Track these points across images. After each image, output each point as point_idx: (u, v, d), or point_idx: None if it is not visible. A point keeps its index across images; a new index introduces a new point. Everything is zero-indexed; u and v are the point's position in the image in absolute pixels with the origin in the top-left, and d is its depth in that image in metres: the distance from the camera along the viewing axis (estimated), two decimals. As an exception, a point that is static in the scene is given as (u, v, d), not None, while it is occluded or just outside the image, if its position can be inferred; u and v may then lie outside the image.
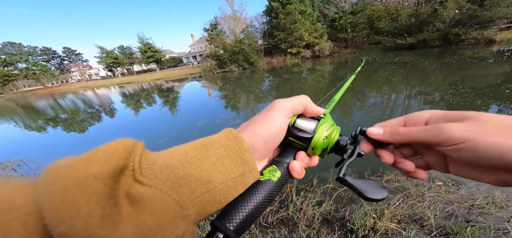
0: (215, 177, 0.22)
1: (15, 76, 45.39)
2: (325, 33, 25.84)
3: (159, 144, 3.94)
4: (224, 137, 0.25)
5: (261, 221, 1.76)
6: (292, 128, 0.30)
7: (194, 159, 0.22)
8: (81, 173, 0.15)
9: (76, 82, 52.38)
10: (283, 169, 0.28)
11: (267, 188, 0.26)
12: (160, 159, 0.21)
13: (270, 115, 0.27)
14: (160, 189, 0.18)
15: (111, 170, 0.16)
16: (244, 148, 0.25)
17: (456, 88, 5.07)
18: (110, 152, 0.17)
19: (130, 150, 0.19)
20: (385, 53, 19.28)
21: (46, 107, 14.28)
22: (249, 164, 0.25)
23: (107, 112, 9.12)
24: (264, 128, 0.27)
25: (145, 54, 44.07)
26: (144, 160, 0.19)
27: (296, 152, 0.30)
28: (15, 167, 3.80)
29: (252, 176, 0.25)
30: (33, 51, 46.29)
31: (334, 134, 0.30)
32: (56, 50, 50.51)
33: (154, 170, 0.19)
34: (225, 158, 0.24)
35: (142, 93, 14.45)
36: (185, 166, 0.21)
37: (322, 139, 0.29)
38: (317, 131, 0.29)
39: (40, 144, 5.59)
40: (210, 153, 0.23)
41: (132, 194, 0.17)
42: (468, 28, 15.88)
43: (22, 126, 8.62)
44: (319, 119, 0.31)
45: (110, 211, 0.15)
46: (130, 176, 0.18)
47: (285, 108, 0.28)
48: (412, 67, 9.39)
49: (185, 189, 0.20)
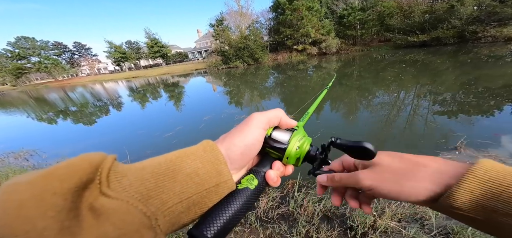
0: (189, 188, 0.23)
1: (28, 70, 46.96)
2: (332, 30, 25.24)
3: (165, 138, 4.00)
4: (201, 149, 0.27)
5: (261, 216, 1.76)
6: (269, 139, 0.32)
7: (167, 171, 0.23)
8: (38, 189, 0.16)
9: (85, 76, 53.78)
10: (260, 177, 0.30)
11: (245, 195, 0.27)
12: (131, 172, 0.21)
13: (247, 128, 0.29)
14: (126, 201, 0.19)
15: (72, 186, 0.17)
16: (219, 160, 0.26)
17: (469, 88, 4.86)
18: (73, 168, 0.18)
19: (97, 165, 0.19)
20: (395, 51, 18.71)
21: (57, 100, 14.76)
22: (224, 174, 0.26)
23: (115, 105, 9.32)
24: (242, 139, 0.29)
25: (151, 49, 44.62)
26: (113, 173, 0.20)
27: (273, 161, 0.32)
28: (28, 156, 3.95)
29: (227, 186, 0.27)
30: (45, 45, 47.68)
31: (305, 144, 0.33)
32: (67, 45, 51.89)
33: (123, 183, 0.20)
34: (200, 169, 0.25)
35: (148, 88, 14.67)
36: (157, 178, 0.22)
37: (295, 149, 0.32)
38: (290, 142, 0.32)
39: (51, 135, 5.79)
40: (185, 164, 0.24)
41: (95, 206, 0.18)
42: (486, 26, 15.15)
43: (34, 117, 8.95)
44: (293, 131, 0.34)
45: (69, 224, 0.16)
46: (96, 189, 0.19)
47: (261, 121, 0.31)
48: (423, 65, 9.07)
49: (156, 200, 0.21)
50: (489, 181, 0.22)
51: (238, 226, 1.68)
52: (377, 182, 0.28)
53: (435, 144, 2.64)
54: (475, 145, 2.47)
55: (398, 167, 0.28)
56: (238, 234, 1.62)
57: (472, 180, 0.23)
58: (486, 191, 0.22)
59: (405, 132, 3.18)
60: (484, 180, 0.23)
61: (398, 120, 3.70)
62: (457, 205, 0.23)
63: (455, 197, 0.23)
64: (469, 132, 2.78)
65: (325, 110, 4.73)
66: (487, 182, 0.22)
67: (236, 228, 1.66)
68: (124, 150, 3.46)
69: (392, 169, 0.28)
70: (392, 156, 0.30)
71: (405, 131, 3.23)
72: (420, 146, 2.70)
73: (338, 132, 3.40)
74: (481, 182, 0.23)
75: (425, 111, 3.83)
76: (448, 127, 3.09)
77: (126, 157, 3.21)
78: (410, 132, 3.17)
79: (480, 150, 2.36)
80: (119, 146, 3.86)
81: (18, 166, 3.36)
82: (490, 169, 0.23)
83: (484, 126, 3.01)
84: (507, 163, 2.12)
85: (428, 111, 3.82)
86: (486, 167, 0.23)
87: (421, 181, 0.26)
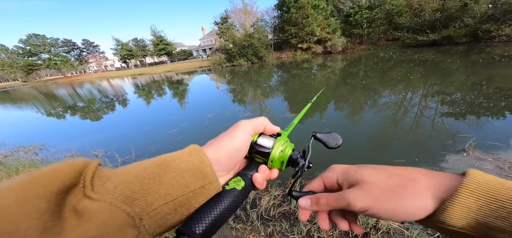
0: (175, 189, 0.24)
1: (38, 66, 48.31)
2: (338, 29, 24.86)
3: (170, 134, 4.04)
4: (187, 153, 0.28)
5: (263, 214, 1.76)
6: (255, 144, 0.34)
7: (153, 174, 0.24)
8: (22, 193, 0.17)
9: (93, 73, 54.93)
10: (247, 179, 0.32)
11: (232, 195, 0.29)
12: (116, 175, 0.22)
13: (235, 133, 0.32)
14: (110, 202, 0.20)
15: (55, 189, 0.18)
16: (205, 163, 0.28)
17: (480, 89, 4.71)
18: (56, 172, 0.19)
19: (81, 169, 0.21)
20: (403, 50, 18.28)
21: (65, 96, 15.14)
22: (209, 177, 0.28)
23: (121, 102, 9.48)
24: (229, 143, 0.31)
25: (157, 46, 45.11)
26: (97, 177, 0.21)
27: (259, 165, 0.34)
28: (37, 151, 4.07)
29: (213, 187, 0.28)
30: (55, 42, 48.88)
31: (287, 149, 0.35)
32: (76, 42, 53.19)
33: (107, 186, 0.21)
34: (186, 172, 0.26)
35: (153, 85, 14.85)
36: (142, 181, 0.23)
37: (278, 153, 0.34)
38: (274, 147, 0.34)
39: (59, 130, 5.95)
40: (170, 168, 0.26)
41: (78, 208, 0.19)
42: (501, 24, 14.59)
43: (43, 112, 9.22)
44: (276, 137, 0.36)
45: (52, 224, 0.17)
46: (80, 192, 0.20)
47: (247, 127, 0.33)
48: (433, 65, 8.83)
49: (141, 202, 0.22)
50: (484, 195, 0.21)
51: (239, 224, 1.69)
52: (370, 202, 0.26)
53: (442, 145, 2.57)
54: (484, 147, 2.39)
55: (388, 184, 0.26)
56: (239, 232, 1.63)
57: (466, 194, 0.22)
58: (482, 206, 0.21)
59: (411, 133, 3.11)
60: (479, 194, 0.21)
61: (404, 121, 3.62)
62: (452, 221, 0.22)
63: (449, 212, 0.22)
64: (478, 134, 2.69)
65: (330, 110, 4.67)
66: (482, 196, 0.21)
67: (238, 226, 1.66)
68: (129, 145, 3.52)
69: (382, 186, 0.26)
70: (376, 170, 0.28)
71: (411, 131, 3.15)
72: (427, 147, 2.64)
73: (342, 132, 3.35)
74: (476, 196, 0.21)
75: (433, 112, 3.73)
76: (456, 128, 3.01)
77: (131, 152, 3.27)
78: (416, 133, 3.09)
79: (490, 152, 2.29)
80: (124, 141, 3.93)
81: (28, 160, 3.46)
82: (483, 181, 0.22)
83: (494, 128, 2.91)
84: (519, 166, 2.05)
85: (436, 112, 3.73)
86: (478, 179, 0.22)
87: (415, 198, 0.24)
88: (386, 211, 0.25)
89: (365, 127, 3.53)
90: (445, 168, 2.17)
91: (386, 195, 0.25)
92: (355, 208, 0.26)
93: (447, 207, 0.22)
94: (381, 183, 0.27)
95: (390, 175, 0.27)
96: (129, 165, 0.25)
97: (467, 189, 0.22)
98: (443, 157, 2.33)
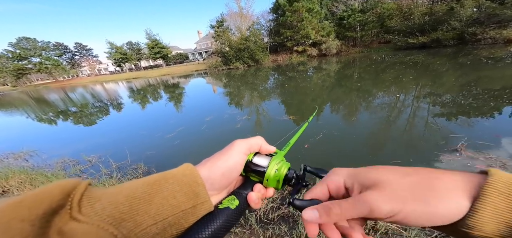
0: (165, 210, 0.24)
1: (28, 70, 46.97)
2: (332, 32, 25.33)
3: (167, 138, 3.99)
4: (181, 172, 0.28)
5: (262, 217, 1.76)
6: (250, 163, 0.34)
7: (144, 194, 0.24)
8: (6, 217, 0.17)
9: (86, 77, 53.82)
10: (242, 198, 0.32)
11: (225, 215, 0.29)
12: (106, 196, 0.22)
13: (229, 152, 0.32)
14: (97, 224, 0.20)
15: (40, 212, 0.18)
16: (198, 182, 0.28)
17: (469, 90, 4.87)
18: (43, 195, 0.19)
19: (69, 191, 0.21)
20: (395, 52, 18.75)
21: (57, 101, 14.77)
22: (201, 196, 0.27)
23: (115, 106, 9.33)
24: (223, 162, 0.31)
25: (152, 50, 44.66)
26: (86, 199, 0.21)
27: (254, 184, 0.34)
28: (27, 157, 3.95)
29: (204, 207, 0.28)
30: (47, 46, 47.74)
31: (283, 168, 0.35)
32: (68, 46, 51.88)
33: (95, 207, 0.21)
34: (178, 192, 0.26)
35: (149, 89, 14.69)
36: (131, 202, 0.23)
37: (274, 172, 0.34)
38: (269, 165, 0.34)
39: (51, 136, 5.79)
40: (162, 187, 0.26)
41: (64, 231, 0.19)
42: (485, 27, 15.17)
43: (34, 118, 8.95)
44: (272, 156, 0.36)
45: None
46: (66, 214, 0.20)
47: (242, 147, 0.33)
48: (423, 67, 9.09)
49: (129, 223, 0.22)
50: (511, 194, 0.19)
51: (238, 228, 1.67)
52: (398, 205, 0.21)
53: (435, 145, 2.64)
54: (475, 146, 2.46)
55: (412, 181, 0.23)
56: (238, 236, 1.62)
57: (495, 194, 0.20)
58: (511, 207, 0.19)
59: (405, 134, 3.18)
60: (507, 194, 0.19)
61: (398, 122, 3.70)
62: (482, 225, 0.19)
63: (480, 215, 0.19)
64: (469, 134, 2.77)
65: (326, 112, 4.73)
66: (510, 196, 0.19)
67: (236, 230, 1.65)
68: (124, 150, 3.46)
69: (406, 184, 0.23)
70: (390, 169, 0.25)
71: (405, 132, 3.22)
72: (421, 147, 2.70)
73: (339, 134, 3.40)
74: (504, 196, 0.19)
75: (425, 113, 3.83)
76: (448, 128, 3.09)
77: (126, 158, 3.21)
78: (410, 134, 3.16)
79: (481, 152, 2.36)
80: (119, 146, 3.86)
81: (18, 167, 3.35)
82: (509, 181, 0.20)
83: (484, 128, 3.01)
84: (508, 164, 2.12)
85: (428, 113, 3.83)
86: (504, 179, 0.20)
87: (448, 196, 0.21)
88: (420, 215, 0.21)
89: (360, 128, 3.59)
90: (439, 167, 2.23)
91: (415, 196, 0.22)
92: (381, 214, 0.22)
93: (477, 209, 0.20)
94: (403, 181, 0.23)
95: (408, 174, 0.24)
96: (122, 184, 0.25)
97: (495, 189, 0.20)
98: (436, 157, 2.39)
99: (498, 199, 0.19)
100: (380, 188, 0.23)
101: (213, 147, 1.88)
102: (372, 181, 0.24)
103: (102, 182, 2.46)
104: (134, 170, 2.86)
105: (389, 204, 0.22)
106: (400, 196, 0.22)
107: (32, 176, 2.79)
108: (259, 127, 4.25)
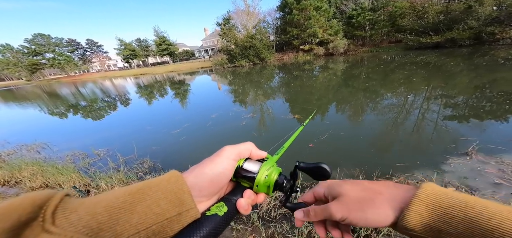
0: (148, 218, 0.24)
1: (42, 65, 48.79)
2: (340, 30, 24.81)
3: (173, 134, 4.06)
4: (166, 180, 0.28)
5: (264, 215, 1.76)
6: (240, 169, 0.34)
7: (125, 204, 0.24)
8: None
9: (96, 72, 55.39)
10: (231, 205, 0.32)
11: (212, 222, 0.29)
12: (83, 206, 0.22)
13: (218, 159, 0.32)
14: (70, 236, 0.20)
15: (8, 226, 0.18)
16: (183, 190, 0.28)
17: (483, 92, 4.67)
18: (11, 208, 0.19)
19: (41, 203, 0.20)
20: (406, 52, 18.21)
21: (68, 95, 15.28)
22: (186, 204, 0.27)
23: (123, 102, 9.55)
24: (211, 169, 0.31)
25: (159, 47, 45.39)
26: (61, 210, 0.21)
27: (244, 190, 0.34)
28: (40, 149, 4.11)
29: (190, 215, 0.27)
30: (60, 42, 49.35)
31: (273, 173, 0.35)
32: (80, 42, 53.50)
33: (70, 219, 0.21)
34: (162, 199, 0.26)
35: (156, 85, 14.94)
36: (111, 212, 0.23)
37: (264, 177, 0.34)
38: (260, 171, 0.34)
39: (62, 129, 6.01)
40: (146, 196, 0.25)
41: None
42: (505, 27, 14.49)
43: (46, 111, 9.31)
44: (263, 161, 0.36)
45: None
46: (38, 227, 0.19)
47: (232, 153, 0.33)
48: (435, 68, 8.78)
49: (108, 233, 0.21)
50: (432, 204, 0.25)
51: (240, 225, 1.69)
52: (346, 212, 0.30)
53: (444, 148, 2.55)
54: (487, 150, 2.37)
55: (361, 196, 0.31)
56: (240, 233, 1.63)
57: (418, 204, 0.26)
58: (431, 213, 0.25)
59: (413, 136, 3.09)
60: (428, 203, 0.26)
61: (406, 123, 3.60)
62: (411, 226, 0.26)
63: (407, 219, 0.26)
64: (481, 137, 2.67)
65: (331, 111, 4.66)
66: (431, 204, 0.25)
67: (238, 226, 1.67)
68: (132, 144, 3.54)
69: (356, 198, 0.31)
70: (354, 185, 0.33)
71: (413, 134, 3.13)
72: (429, 150, 2.62)
73: (345, 134, 3.35)
74: (425, 205, 0.26)
75: (435, 115, 3.71)
76: (459, 131, 2.98)
77: (133, 152, 3.29)
78: (419, 136, 3.07)
79: (493, 156, 2.27)
80: (127, 140, 3.96)
81: (31, 158, 3.50)
82: (431, 192, 0.26)
83: (497, 131, 2.88)
84: (522, 171, 2.03)
85: (438, 115, 3.70)
86: (428, 191, 0.26)
87: (380, 207, 0.29)
88: (359, 220, 0.29)
89: (367, 129, 3.52)
90: (447, 171, 2.16)
91: (358, 206, 0.30)
92: (336, 218, 0.31)
93: (404, 215, 0.26)
94: (355, 195, 0.31)
95: (364, 189, 0.32)
96: (102, 193, 0.25)
97: (418, 199, 0.26)
98: (445, 161, 2.31)
99: (420, 206, 0.26)
100: (338, 200, 0.32)
101: (218, 143, 1.88)
102: (336, 194, 0.33)
103: (110, 176, 2.54)
104: (140, 165, 2.93)
105: (341, 212, 0.30)
106: (348, 207, 0.30)
107: (43, 167, 2.91)
108: (263, 125, 4.25)
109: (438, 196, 0.26)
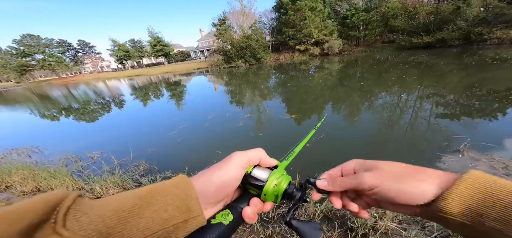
0: (155, 223, 0.24)
1: (32, 67, 47.38)
2: (335, 31, 25.16)
3: (169, 136, 4.01)
4: (174, 185, 0.28)
5: (262, 215, 1.76)
6: (249, 176, 0.33)
7: (134, 207, 0.24)
8: None
9: (88, 74, 54.23)
10: (236, 213, 0.31)
11: (217, 230, 0.28)
12: (94, 208, 0.22)
13: (226, 166, 0.31)
14: None
15: (21, 228, 0.18)
16: (191, 196, 0.27)
17: (472, 91, 4.81)
18: (25, 209, 0.19)
19: (54, 205, 0.20)
20: (398, 52, 18.58)
21: (60, 97, 14.90)
22: (193, 211, 0.27)
23: (118, 104, 9.38)
24: (219, 176, 0.30)
25: (154, 48, 44.83)
26: (72, 212, 0.21)
27: (251, 198, 0.33)
28: (30, 153, 3.99)
29: (196, 222, 0.27)
30: (50, 43, 48.06)
31: (283, 182, 0.34)
32: (71, 43, 52.20)
33: (81, 221, 0.21)
34: (170, 205, 0.26)
35: (151, 86, 14.74)
36: (120, 215, 0.22)
37: (272, 186, 0.33)
38: (268, 179, 0.33)
39: (54, 132, 5.85)
40: (154, 200, 0.25)
41: None
42: (492, 27, 15.02)
43: (37, 114, 9.05)
44: (273, 169, 0.35)
45: None
46: (49, 229, 0.19)
47: (241, 160, 0.32)
48: (427, 67, 9.00)
49: (116, 237, 0.22)
50: (476, 187, 0.25)
51: (238, 225, 1.68)
52: (379, 180, 0.29)
53: (437, 146, 2.62)
54: (478, 148, 2.44)
55: (400, 171, 0.30)
56: (238, 234, 1.62)
57: (463, 185, 0.26)
58: (474, 195, 0.25)
59: (407, 134, 3.15)
60: (473, 186, 0.25)
61: (400, 122, 3.67)
62: (449, 208, 0.25)
63: (448, 199, 0.26)
64: (472, 135, 2.74)
65: (327, 111, 4.71)
66: (475, 188, 0.25)
67: (237, 227, 1.66)
68: (127, 147, 3.48)
69: (394, 172, 0.30)
70: (395, 164, 0.32)
71: (408, 132, 3.20)
72: (422, 148, 2.68)
73: (341, 133, 3.38)
74: (470, 187, 0.25)
75: (428, 114, 3.80)
76: (451, 129, 3.06)
77: (129, 154, 3.23)
78: (412, 134, 3.14)
79: (484, 153, 2.34)
80: (122, 143, 3.88)
81: (21, 162, 3.39)
82: (478, 177, 0.26)
83: (487, 129, 2.97)
84: (510, 166, 2.10)
85: (431, 113, 3.79)
86: (475, 175, 0.26)
87: (422, 181, 0.28)
88: (389, 189, 0.29)
89: (362, 128, 3.57)
90: (441, 168, 2.20)
91: (393, 178, 0.29)
92: (365, 186, 0.30)
93: (446, 195, 0.26)
94: (394, 169, 0.31)
95: (404, 167, 0.31)
96: (112, 196, 0.25)
97: (464, 182, 0.26)
98: (439, 158, 2.37)
99: (465, 189, 0.25)
100: (372, 170, 0.31)
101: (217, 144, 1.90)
102: (371, 167, 0.32)
103: (104, 179, 2.48)
104: (135, 167, 2.88)
105: (373, 179, 0.30)
106: (382, 176, 0.30)
107: (35, 172, 2.82)
108: (261, 125, 4.26)
109: (485, 180, 0.25)
